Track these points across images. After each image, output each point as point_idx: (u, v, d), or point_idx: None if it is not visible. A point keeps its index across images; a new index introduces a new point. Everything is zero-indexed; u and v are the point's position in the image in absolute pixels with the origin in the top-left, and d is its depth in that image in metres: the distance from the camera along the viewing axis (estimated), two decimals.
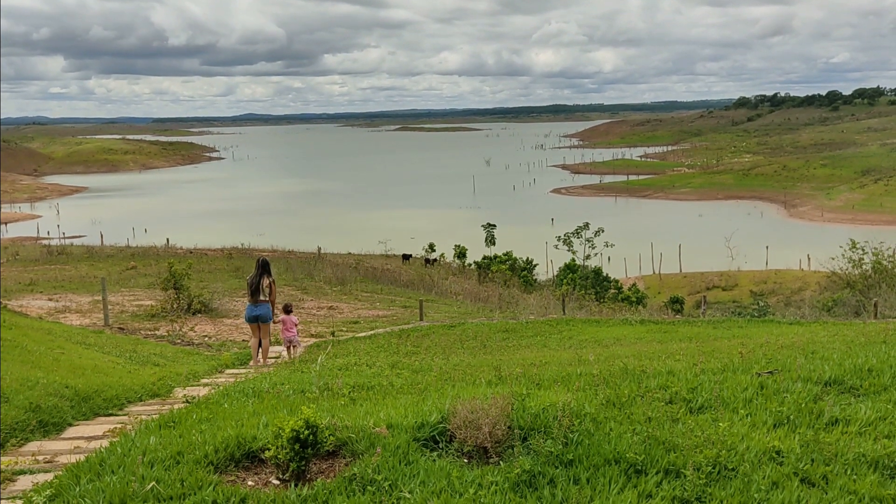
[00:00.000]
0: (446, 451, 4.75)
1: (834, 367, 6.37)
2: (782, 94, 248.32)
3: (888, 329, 9.63)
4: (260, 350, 13.15)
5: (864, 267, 27.74)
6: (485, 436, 4.73)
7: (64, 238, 61.40)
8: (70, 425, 7.16)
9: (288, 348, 13.86)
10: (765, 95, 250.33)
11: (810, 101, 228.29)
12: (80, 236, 64.38)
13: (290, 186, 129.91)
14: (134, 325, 18.06)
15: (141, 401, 8.79)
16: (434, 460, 4.56)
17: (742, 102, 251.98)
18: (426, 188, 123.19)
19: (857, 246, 27.87)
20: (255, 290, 12.77)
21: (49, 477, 4.81)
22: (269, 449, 4.60)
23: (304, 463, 4.51)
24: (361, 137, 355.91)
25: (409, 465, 4.45)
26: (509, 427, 4.87)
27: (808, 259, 53.73)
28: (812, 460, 4.50)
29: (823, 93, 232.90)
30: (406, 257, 46.75)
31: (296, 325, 14.34)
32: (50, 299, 21.73)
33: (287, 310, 14.14)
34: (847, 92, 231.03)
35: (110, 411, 7.98)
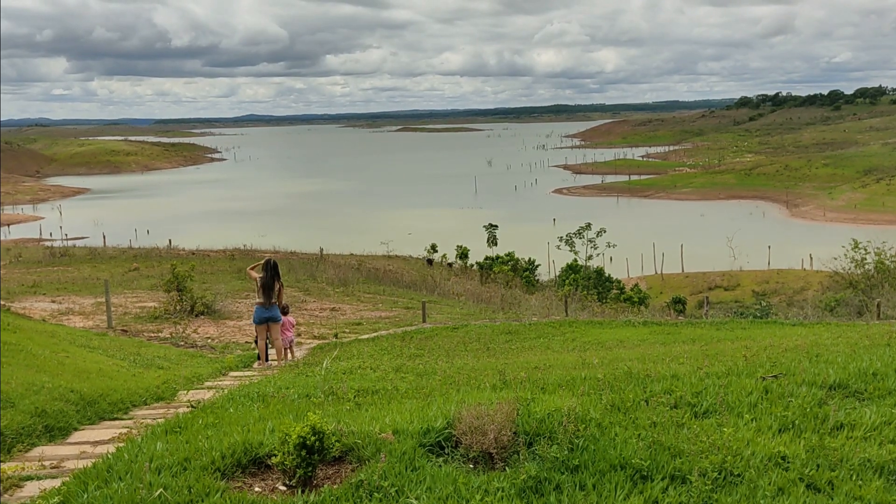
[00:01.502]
0: (452, 457, 4.76)
1: (838, 371, 6.36)
2: (784, 94, 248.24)
3: (892, 331, 9.61)
4: (272, 350, 13.24)
5: (866, 267, 27.70)
6: (490, 441, 4.74)
7: (66, 239, 61.44)
8: (76, 430, 7.17)
9: (288, 349, 13.96)
10: (766, 95, 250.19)
11: (812, 100, 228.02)
12: (82, 238, 64.50)
13: (291, 187, 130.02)
14: (137, 326, 18.09)
15: (146, 404, 8.81)
16: (440, 466, 4.57)
17: (744, 102, 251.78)
18: (427, 188, 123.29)
19: (860, 246, 27.83)
20: (269, 293, 12.83)
21: (56, 483, 4.83)
22: (275, 455, 4.62)
23: (310, 469, 4.52)
24: (363, 138, 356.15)
25: (415, 471, 4.46)
26: (514, 433, 4.88)
27: (811, 259, 53.70)
28: (817, 466, 4.50)
29: (825, 92, 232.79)
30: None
31: (293, 326, 14.47)
32: (53, 301, 21.76)
33: (285, 311, 14.19)
34: (849, 91, 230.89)
35: (115, 415, 8.00)
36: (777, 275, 53.96)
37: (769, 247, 60.94)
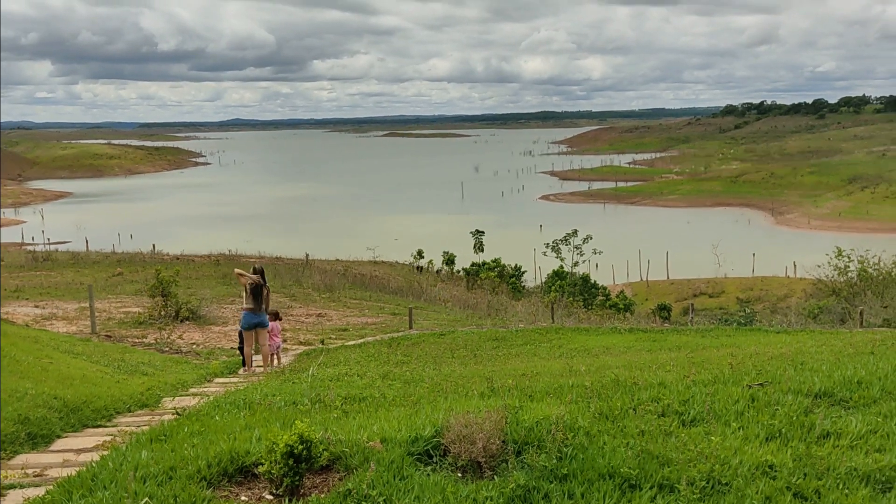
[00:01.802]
0: (440, 466, 4.74)
1: (823, 379, 6.39)
2: (769, 102, 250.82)
3: (875, 339, 9.70)
4: (257, 356, 13.21)
5: (849, 275, 27.88)
6: (479, 450, 4.72)
7: (49, 244, 60.87)
8: (59, 437, 7.10)
9: (275, 355, 13.90)
10: (752, 103, 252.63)
11: (797, 109, 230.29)
12: (65, 242, 63.88)
13: (277, 192, 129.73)
14: (121, 332, 17.95)
15: (130, 412, 8.73)
16: (428, 475, 4.55)
17: (729, 110, 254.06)
18: (414, 194, 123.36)
19: (843, 254, 28.01)
20: (258, 298, 12.82)
21: (40, 491, 4.77)
22: (262, 464, 4.58)
23: (297, 478, 4.48)
24: (349, 143, 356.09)
25: (403, 480, 4.44)
26: (503, 441, 4.87)
27: (794, 266, 54.14)
28: (804, 474, 4.52)
29: (810, 101, 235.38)
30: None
31: (280, 332, 14.45)
32: (36, 306, 21.56)
33: (276, 317, 14.20)
34: (833, 100, 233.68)
35: (99, 423, 7.92)
36: (761, 282, 54.40)
37: (754, 254, 61.43)
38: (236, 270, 13.89)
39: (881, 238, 64.58)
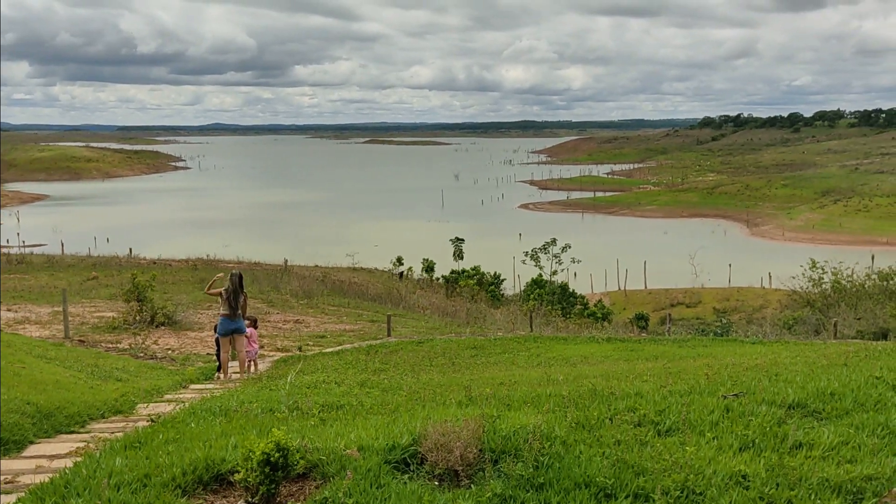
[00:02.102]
0: (417, 474, 4.74)
1: (797, 391, 6.46)
2: (746, 115, 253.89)
3: (849, 351, 9.83)
4: (233, 363, 13.13)
5: (823, 286, 28.26)
6: (456, 459, 4.73)
7: (24, 246, 60.10)
8: (31, 443, 7.01)
9: (252, 361, 13.83)
10: (729, 116, 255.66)
11: (772, 122, 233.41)
12: (40, 245, 63.07)
13: (256, 197, 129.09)
14: (95, 337, 17.74)
15: (103, 418, 8.64)
16: (405, 483, 4.55)
17: (707, 122, 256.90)
18: (395, 201, 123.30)
19: (817, 265, 28.41)
20: (235, 305, 12.76)
21: (11, 499, 4.71)
22: (238, 472, 4.56)
23: (274, 486, 4.47)
24: (330, 149, 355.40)
25: (380, 489, 4.44)
26: (480, 450, 4.88)
27: (770, 277, 54.74)
28: (777, 485, 4.56)
29: (785, 114, 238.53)
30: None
31: (257, 339, 14.40)
32: (9, 310, 21.24)
33: (254, 323, 14.16)
34: (808, 114, 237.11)
35: (72, 429, 7.83)
36: (737, 292, 54.89)
37: (730, 265, 62.00)
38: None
39: (854, 250, 65.52)
